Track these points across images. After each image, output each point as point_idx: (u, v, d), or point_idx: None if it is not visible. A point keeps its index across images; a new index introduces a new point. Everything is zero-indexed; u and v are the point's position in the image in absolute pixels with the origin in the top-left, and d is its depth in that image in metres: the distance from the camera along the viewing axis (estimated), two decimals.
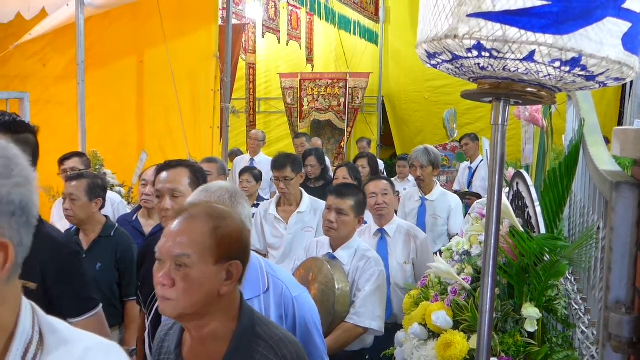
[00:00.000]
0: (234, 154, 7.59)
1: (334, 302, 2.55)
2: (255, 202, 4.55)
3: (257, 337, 1.37)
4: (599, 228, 1.64)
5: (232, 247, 1.32)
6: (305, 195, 3.71)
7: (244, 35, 8.06)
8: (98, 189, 3.01)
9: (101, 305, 2.04)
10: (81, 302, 1.97)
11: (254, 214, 4.25)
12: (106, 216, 3.15)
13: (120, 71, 5.78)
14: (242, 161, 6.64)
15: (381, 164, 8.17)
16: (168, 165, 2.23)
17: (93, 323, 1.97)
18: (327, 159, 7.99)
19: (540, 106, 2.09)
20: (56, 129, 5.36)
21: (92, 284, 2.08)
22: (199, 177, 2.23)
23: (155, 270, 1.30)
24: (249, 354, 1.35)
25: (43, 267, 1.84)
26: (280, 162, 3.60)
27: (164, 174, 2.19)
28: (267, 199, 4.78)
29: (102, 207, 3.06)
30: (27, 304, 0.80)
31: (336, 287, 2.56)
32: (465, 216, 4.33)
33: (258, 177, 4.67)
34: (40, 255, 1.83)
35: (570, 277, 2.06)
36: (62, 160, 3.83)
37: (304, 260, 2.81)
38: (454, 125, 8.04)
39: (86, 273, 2.05)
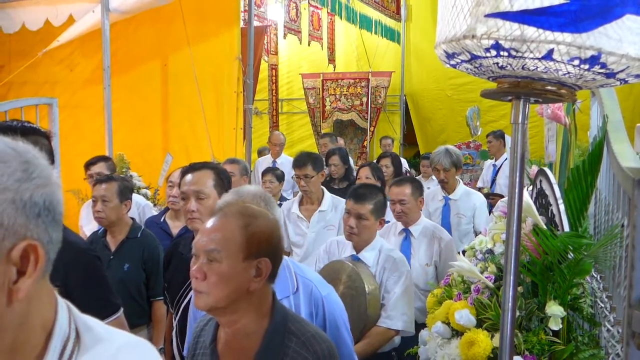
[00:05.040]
0: (265, 152, 7.64)
1: (366, 306, 2.52)
2: (278, 202, 4.58)
3: (289, 333, 1.41)
4: (623, 225, 1.63)
5: (261, 245, 1.37)
6: (327, 193, 3.71)
7: (265, 37, 8.11)
8: (127, 191, 3.09)
9: (122, 309, 2.06)
10: (103, 306, 2.00)
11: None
12: (132, 218, 3.21)
13: (145, 75, 5.88)
14: (265, 162, 6.68)
15: (405, 163, 8.15)
16: (192, 168, 2.26)
17: (114, 327, 2.01)
18: (350, 159, 8.02)
19: (562, 103, 2.08)
20: (84, 133, 5.49)
21: (113, 289, 2.11)
22: (223, 178, 2.26)
23: (191, 265, 1.37)
24: (281, 349, 1.38)
25: (66, 270, 1.89)
26: (301, 160, 3.61)
27: (188, 177, 2.23)
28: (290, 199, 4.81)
29: (130, 200, 3.14)
30: (62, 303, 0.83)
31: (367, 290, 2.53)
32: (490, 215, 4.29)
33: (280, 178, 4.69)
34: (64, 259, 1.90)
35: (595, 275, 2.04)
36: (88, 165, 3.90)
37: (327, 263, 2.77)
38: (477, 123, 7.96)
39: (107, 278, 2.08)
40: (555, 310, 1.65)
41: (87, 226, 3.89)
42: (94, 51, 5.26)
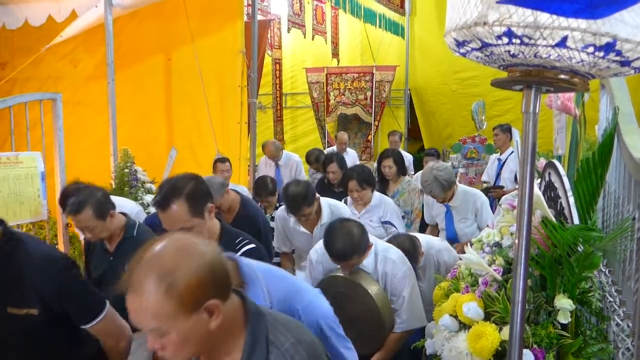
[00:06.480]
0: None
1: (380, 315, 2.50)
2: (277, 204, 4.49)
3: (268, 344, 1.33)
4: (634, 218, 1.61)
5: (197, 295, 1.19)
6: (324, 205, 3.48)
7: (269, 31, 8.09)
8: (105, 204, 2.83)
9: (108, 302, 2.03)
10: (89, 310, 1.98)
11: (273, 217, 4.16)
12: (123, 213, 3.04)
13: (148, 70, 5.86)
14: (268, 163, 6.63)
15: (409, 158, 8.11)
16: (163, 205, 2.09)
17: (106, 322, 1.99)
18: (354, 152, 7.99)
19: (572, 94, 2.05)
20: (88, 128, 5.48)
21: (94, 288, 2.06)
22: (198, 199, 2.11)
23: (146, 338, 1.26)
24: None
25: (38, 290, 1.85)
26: (294, 206, 3.31)
27: (163, 217, 2.10)
28: None
29: (114, 208, 2.90)
30: None
31: (376, 301, 2.49)
32: (492, 209, 4.23)
33: (273, 192, 4.54)
34: (31, 279, 1.84)
35: (604, 269, 2.02)
36: (67, 213, 3.20)
37: (321, 281, 2.66)
38: (483, 117, 7.92)
39: (84, 281, 2.01)
40: (564, 303, 1.64)
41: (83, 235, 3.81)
42: (97, 46, 5.24)
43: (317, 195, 3.44)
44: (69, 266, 1.97)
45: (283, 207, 3.58)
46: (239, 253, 2.24)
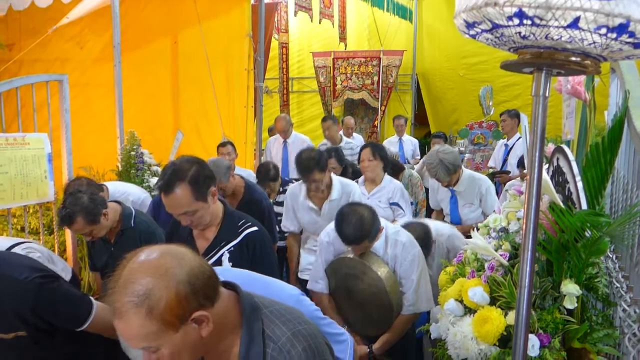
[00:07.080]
0: (275, 130, 7.57)
1: (389, 297, 2.52)
2: (281, 189, 4.50)
3: (265, 338, 1.34)
4: None
5: (180, 310, 1.19)
6: (335, 180, 3.52)
7: (276, 14, 8.03)
8: (94, 209, 2.79)
9: (93, 300, 2.03)
10: (77, 317, 1.98)
11: (279, 203, 4.18)
12: (117, 202, 3.03)
13: (155, 52, 5.85)
14: (276, 142, 6.63)
15: (415, 143, 8.09)
16: (166, 189, 2.09)
17: (98, 320, 2.00)
18: (361, 137, 7.96)
19: (582, 78, 2.03)
20: (95, 110, 5.48)
21: (76, 292, 2.05)
22: (201, 183, 2.11)
23: (142, 354, 1.28)
24: (260, 357, 1.33)
25: (19, 315, 1.85)
26: (305, 167, 3.34)
27: (166, 201, 2.11)
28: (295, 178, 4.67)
29: (105, 206, 2.88)
30: None
31: (385, 284, 2.50)
32: (498, 194, 4.20)
33: (275, 178, 4.50)
34: (8, 306, 1.83)
35: (611, 255, 2.01)
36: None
37: (331, 262, 2.70)
38: (490, 103, 7.87)
39: (64, 289, 1.97)
40: (571, 288, 1.63)
41: None
42: (104, 28, 5.23)
43: (330, 168, 3.48)
44: (43, 282, 1.91)
45: (295, 184, 3.63)
46: (241, 235, 2.25)
